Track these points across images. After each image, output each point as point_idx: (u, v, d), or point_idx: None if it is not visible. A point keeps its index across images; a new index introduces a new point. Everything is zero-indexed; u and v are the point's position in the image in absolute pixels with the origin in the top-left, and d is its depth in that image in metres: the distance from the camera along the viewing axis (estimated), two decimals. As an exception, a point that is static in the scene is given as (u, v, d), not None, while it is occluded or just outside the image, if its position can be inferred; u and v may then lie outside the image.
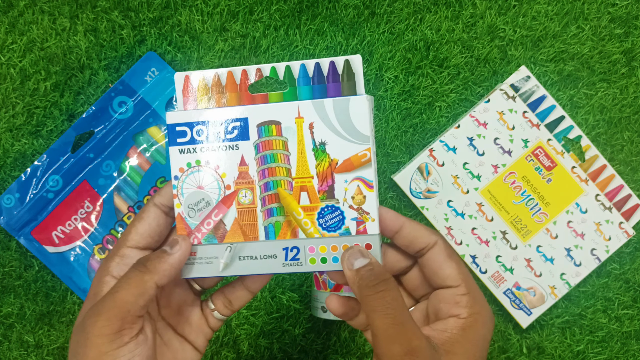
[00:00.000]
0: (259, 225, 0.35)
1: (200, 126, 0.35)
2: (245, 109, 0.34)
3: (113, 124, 0.55)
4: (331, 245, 0.34)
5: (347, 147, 0.34)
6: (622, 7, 0.57)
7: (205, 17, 0.56)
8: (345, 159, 0.34)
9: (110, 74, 0.56)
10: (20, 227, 0.55)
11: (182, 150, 0.35)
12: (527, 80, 0.56)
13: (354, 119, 0.34)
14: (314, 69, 0.35)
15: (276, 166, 0.34)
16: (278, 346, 0.57)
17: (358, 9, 0.57)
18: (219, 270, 0.35)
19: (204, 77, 0.35)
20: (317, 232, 0.34)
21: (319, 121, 0.34)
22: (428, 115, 0.57)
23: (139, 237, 0.34)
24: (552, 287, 0.56)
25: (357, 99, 0.34)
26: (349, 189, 0.34)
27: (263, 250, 0.34)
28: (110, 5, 0.56)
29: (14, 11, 0.56)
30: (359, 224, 0.34)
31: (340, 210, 0.34)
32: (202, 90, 0.35)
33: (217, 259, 0.35)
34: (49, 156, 0.54)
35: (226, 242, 0.35)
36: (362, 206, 0.34)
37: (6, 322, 0.57)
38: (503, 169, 0.56)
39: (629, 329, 0.58)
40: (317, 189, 0.34)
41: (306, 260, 0.34)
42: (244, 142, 0.34)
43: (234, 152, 0.34)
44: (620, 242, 0.56)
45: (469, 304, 0.34)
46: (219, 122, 0.34)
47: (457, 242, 0.56)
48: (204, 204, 0.35)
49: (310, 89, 0.35)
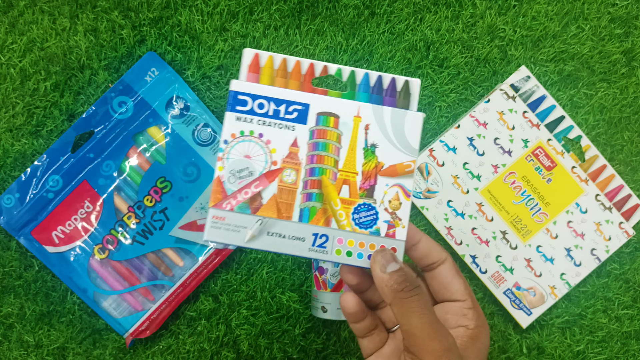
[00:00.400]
0: (295, 206, 0.36)
1: (262, 100, 0.36)
2: (309, 96, 0.36)
3: (113, 124, 0.55)
4: (359, 241, 0.35)
5: (395, 154, 0.36)
6: (622, 7, 0.57)
7: (205, 17, 0.56)
8: (391, 165, 0.36)
9: (110, 74, 0.56)
10: (20, 227, 0.55)
11: (238, 117, 0.36)
12: (527, 80, 0.56)
13: (407, 131, 0.36)
14: (376, 81, 0.36)
15: (326, 155, 0.36)
16: (278, 346, 0.57)
17: (358, 9, 0.57)
18: (244, 240, 0.35)
19: (272, 58, 0.36)
20: (350, 225, 0.36)
21: (375, 124, 0.36)
22: (428, 115, 0.57)
23: None
24: (552, 287, 0.56)
25: (414, 114, 0.36)
26: (388, 192, 0.36)
27: (293, 231, 0.35)
28: (110, 5, 0.56)
29: (14, 11, 0.56)
30: (389, 228, 0.36)
31: (375, 210, 0.36)
32: (267, 70, 0.36)
33: (245, 229, 0.35)
34: (49, 156, 0.54)
35: (259, 215, 0.35)
36: (397, 211, 0.36)
37: (6, 322, 0.57)
38: (503, 169, 0.56)
39: (629, 329, 0.58)
40: (359, 186, 0.36)
41: (332, 250, 0.35)
42: (301, 125, 0.36)
43: (289, 132, 0.36)
44: (620, 242, 0.56)
45: (475, 317, 0.37)
46: (282, 101, 0.36)
47: (457, 242, 0.56)
48: (246, 173, 0.36)
49: (368, 97, 0.36)
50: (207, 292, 0.57)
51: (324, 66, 0.37)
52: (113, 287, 0.55)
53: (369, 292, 0.39)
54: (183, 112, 0.56)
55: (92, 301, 0.55)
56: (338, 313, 0.53)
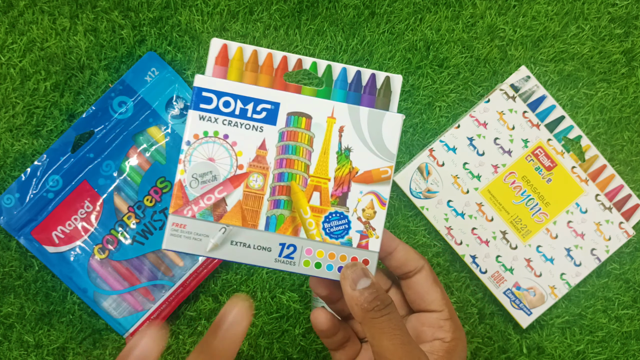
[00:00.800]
0: (262, 214, 0.33)
1: (228, 98, 0.33)
2: (280, 94, 0.33)
3: (113, 124, 0.55)
4: (329, 252, 0.33)
5: (371, 159, 0.33)
6: (622, 7, 0.57)
7: (205, 17, 0.56)
8: (366, 171, 0.33)
9: (110, 74, 0.56)
10: (20, 227, 0.55)
11: (202, 117, 0.33)
12: (527, 80, 0.56)
13: (385, 134, 0.33)
14: (354, 76, 0.34)
15: (296, 159, 0.33)
16: (278, 346, 0.57)
17: (358, 9, 0.57)
18: (206, 249, 0.33)
19: (242, 50, 0.34)
20: (319, 235, 0.33)
21: (350, 126, 0.33)
22: (428, 115, 0.57)
23: None
24: (552, 287, 0.56)
25: (393, 116, 0.33)
26: (362, 200, 0.34)
27: (259, 241, 0.33)
28: (110, 5, 0.56)
29: (14, 11, 0.56)
30: (362, 238, 0.34)
31: (347, 219, 0.34)
32: (236, 62, 0.34)
33: (207, 238, 0.33)
34: (49, 156, 0.54)
35: (223, 222, 0.33)
36: (371, 221, 0.34)
37: (6, 322, 0.57)
38: (503, 169, 0.56)
39: (629, 329, 0.58)
40: (330, 192, 0.33)
41: (300, 261, 0.33)
42: (269, 126, 0.33)
43: (257, 134, 0.33)
44: (620, 242, 0.56)
45: (452, 329, 0.35)
46: (250, 99, 0.33)
47: (457, 242, 0.56)
48: (210, 177, 0.33)
49: (345, 94, 0.34)
50: (207, 292, 0.57)
51: (298, 59, 0.34)
52: (113, 287, 0.55)
53: (341, 303, 0.37)
54: (183, 112, 0.56)
55: (92, 301, 0.55)
56: (338, 313, 0.53)
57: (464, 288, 0.57)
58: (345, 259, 0.33)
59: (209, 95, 0.33)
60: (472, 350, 0.57)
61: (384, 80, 0.34)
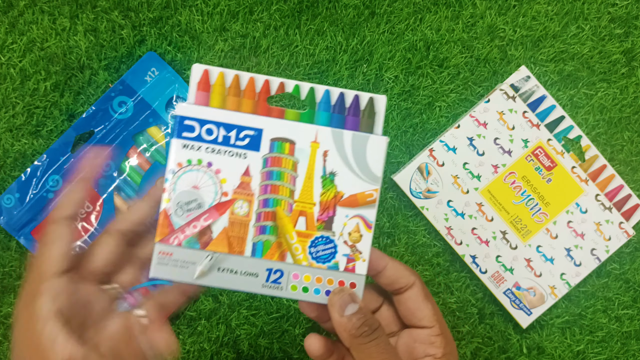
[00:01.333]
0: (248, 240, 0.33)
1: (211, 125, 0.33)
2: (262, 120, 0.33)
3: (113, 124, 0.55)
4: (316, 276, 0.34)
5: (356, 182, 0.33)
6: (622, 7, 0.57)
7: (205, 17, 0.56)
8: (352, 194, 0.34)
9: (110, 74, 0.56)
10: (20, 227, 0.55)
11: (186, 145, 0.33)
12: (527, 80, 0.56)
13: (369, 157, 0.33)
14: (338, 98, 0.34)
15: (280, 185, 0.33)
16: (278, 346, 0.57)
17: (358, 9, 0.57)
18: (194, 277, 0.33)
19: (224, 75, 0.34)
20: (306, 259, 0.34)
21: (334, 150, 0.33)
22: (428, 115, 0.57)
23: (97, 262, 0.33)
24: (552, 287, 0.56)
25: (376, 139, 0.33)
26: (348, 224, 0.34)
27: (245, 267, 0.33)
28: (110, 5, 0.56)
29: (14, 11, 0.56)
30: (349, 262, 0.34)
31: (334, 244, 0.34)
32: (218, 88, 0.34)
33: (194, 265, 0.33)
34: (49, 156, 0.54)
35: (209, 249, 0.33)
36: (357, 244, 0.34)
37: (6, 322, 0.57)
38: (503, 169, 0.56)
39: (629, 329, 0.58)
40: (316, 217, 0.34)
41: (287, 286, 0.33)
42: (253, 152, 0.33)
43: (240, 160, 0.33)
44: (620, 242, 0.56)
45: (443, 345, 0.36)
46: (233, 126, 0.33)
47: (457, 242, 0.56)
48: (195, 205, 0.33)
49: (329, 116, 0.34)
50: (207, 292, 0.57)
51: (281, 83, 0.34)
52: (113, 287, 0.55)
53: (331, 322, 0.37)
54: (183, 112, 0.55)
55: (92, 301, 0.55)
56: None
57: (464, 288, 0.57)
58: (332, 282, 0.33)
59: (191, 124, 0.33)
60: (472, 350, 0.57)
61: (368, 102, 0.34)
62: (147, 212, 0.34)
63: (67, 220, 0.33)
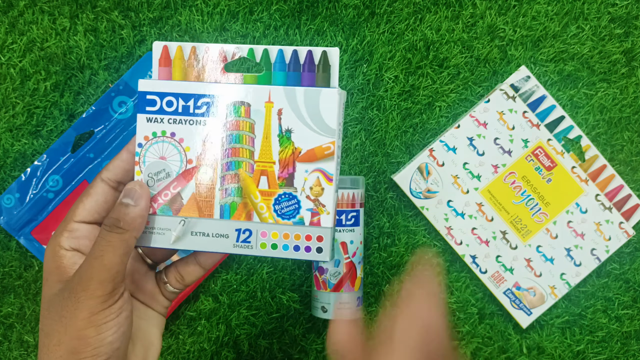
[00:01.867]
0: (215, 204, 0.35)
1: (170, 97, 0.35)
2: (217, 87, 0.34)
3: (113, 124, 0.55)
4: (283, 232, 0.34)
5: (312, 137, 0.34)
6: (622, 7, 0.57)
7: (205, 17, 0.56)
8: (309, 149, 0.34)
9: (110, 74, 0.56)
10: (20, 227, 0.55)
11: (149, 118, 0.35)
12: (527, 80, 0.56)
13: (323, 111, 0.34)
14: (291, 56, 0.34)
15: (240, 147, 0.35)
16: (278, 346, 0.57)
17: (358, 9, 0.57)
18: (170, 242, 0.35)
19: (182, 49, 0.35)
20: (272, 217, 0.35)
21: (288, 108, 0.34)
22: (428, 115, 0.57)
23: (86, 213, 0.34)
24: (552, 287, 0.56)
25: (328, 91, 0.34)
26: (308, 179, 0.34)
27: (216, 229, 0.35)
28: (110, 5, 0.56)
29: (14, 11, 0.56)
30: (313, 215, 0.34)
31: (297, 199, 0.34)
32: (178, 61, 0.35)
33: (170, 231, 0.35)
34: (49, 156, 0.54)
35: (181, 215, 0.35)
36: (319, 198, 0.34)
37: (6, 322, 0.57)
38: (503, 169, 0.56)
39: (629, 329, 0.58)
40: (277, 175, 0.34)
41: (257, 244, 0.35)
42: (211, 119, 0.35)
43: (201, 127, 0.35)
44: (620, 242, 0.56)
45: None
46: (190, 95, 0.35)
47: (457, 242, 0.56)
48: (164, 175, 0.35)
49: (285, 75, 0.35)
50: (207, 292, 0.57)
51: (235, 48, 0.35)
52: (113, 287, 0.55)
53: None
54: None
55: (92, 301, 0.55)
56: (338, 313, 0.53)
57: (464, 288, 0.57)
58: (299, 237, 0.34)
59: (152, 98, 0.35)
60: (472, 351, 0.57)
61: (321, 55, 0.34)
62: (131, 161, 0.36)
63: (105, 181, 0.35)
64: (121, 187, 0.35)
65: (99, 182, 0.35)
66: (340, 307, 0.53)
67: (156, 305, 0.38)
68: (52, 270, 0.34)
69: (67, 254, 0.33)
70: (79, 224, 0.34)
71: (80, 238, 0.34)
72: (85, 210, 0.34)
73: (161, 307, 0.38)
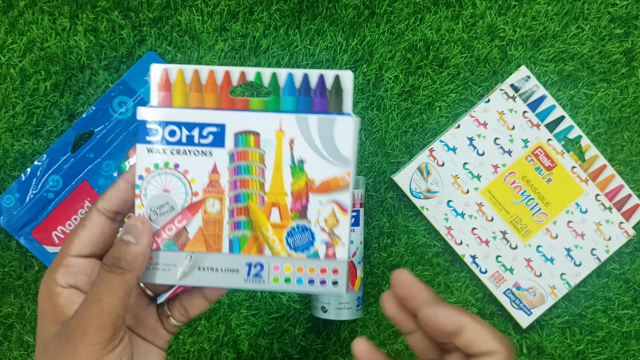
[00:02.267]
0: (224, 237, 0.33)
1: (173, 126, 0.33)
2: (223, 115, 0.32)
3: (113, 124, 0.55)
4: (297, 266, 0.33)
5: (326, 168, 0.32)
6: (622, 7, 0.57)
7: (205, 17, 0.56)
8: (323, 181, 0.32)
9: (110, 74, 0.56)
10: (20, 227, 0.55)
11: (150, 149, 0.33)
12: (527, 80, 0.56)
13: (337, 140, 0.32)
14: (302, 81, 0.32)
15: (250, 178, 0.33)
16: (278, 346, 0.57)
17: (358, 9, 0.57)
18: (176, 278, 0.33)
19: (183, 72, 0.33)
20: (284, 250, 0.33)
21: (300, 137, 0.32)
22: (428, 115, 0.57)
23: (82, 246, 0.32)
24: (552, 287, 0.56)
25: (343, 120, 0.32)
26: (322, 210, 0.33)
27: (225, 263, 0.33)
28: (110, 5, 0.56)
29: (14, 11, 0.56)
30: (328, 248, 0.33)
31: (310, 232, 0.33)
32: (179, 86, 0.33)
33: (175, 267, 0.33)
34: (49, 156, 0.54)
35: (187, 250, 0.33)
36: (334, 229, 0.33)
37: (6, 322, 0.57)
38: (503, 169, 0.56)
39: (629, 329, 0.58)
40: (289, 207, 0.33)
41: (269, 279, 0.33)
42: (218, 149, 0.33)
43: (207, 159, 0.33)
44: (620, 242, 0.56)
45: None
46: (194, 125, 0.32)
47: (457, 242, 0.56)
48: (167, 208, 0.33)
49: (295, 100, 0.33)
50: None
51: (242, 72, 0.32)
52: (113, 287, 0.55)
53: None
54: (183, 112, 0.55)
55: (92, 301, 0.55)
56: (338, 313, 0.53)
57: (464, 288, 0.57)
58: (314, 270, 0.33)
59: (153, 127, 0.33)
60: (472, 350, 0.57)
61: (334, 80, 0.32)
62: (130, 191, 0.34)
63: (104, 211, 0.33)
64: (119, 217, 0.33)
65: (94, 212, 0.33)
66: (340, 307, 0.53)
67: (157, 340, 0.36)
68: (47, 310, 0.32)
69: (63, 292, 0.32)
70: (75, 258, 0.32)
71: (77, 273, 0.32)
72: (81, 244, 0.32)
73: (162, 342, 0.37)
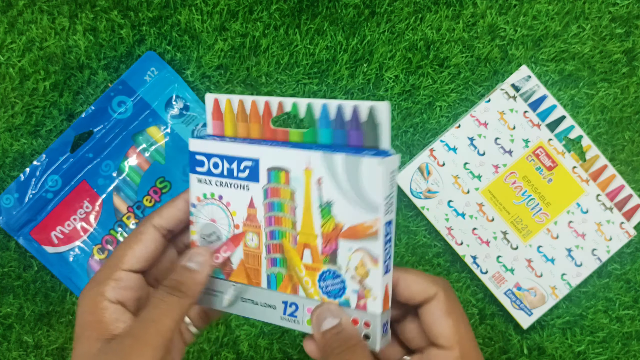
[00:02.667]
0: (263, 272, 0.33)
1: (216, 159, 0.33)
2: (258, 149, 0.31)
3: (112, 123, 0.55)
4: None
5: (354, 211, 0.30)
6: (623, 7, 0.57)
7: (204, 16, 0.56)
8: (351, 226, 0.30)
9: (109, 74, 0.56)
10: (19, 227, 0.55)
11: (200, 179, 0.33)
12: (527, 80, 0.56)
13: (365, 183, 0.29)
14: (337, 112, 0.30)
15: (282, 216, 0.32)
16: (278, 346, 0.57)
17: (358, 9, 0.56)
18: (223, 305, 0.34)
19: (230, 102, 0.33)
20: (317, 294, 0.32)
21: (327, 177, 0.30)
22: (428, 115, 0.57)
23: (135, 261, 0.32)
24: (552, 288, 0.56)
25: (369, 161, 0.29)
26: (352, 258, 0.30)
27: (264, 298, 0.33)
28: (109, 4, 0.56)
29: (13, 10, 0.55)
30: (359, 299, 0.31)
31: (341, 278, 0.31)
32: (228, 115, 0.33)
33: (222, 294, 0.34)
34: (48, 156, 0.54)
35: (231, 280, 0.34)
36: (365, 280, 0.30)
37: (5, 322, 0.56)
38: (504, 169, 0.55)
39: (630, 329, 0.58)
40: (320, 250, 0.31)
41: (303, 320, 0.32)
42: (254, 183, 0.32)
43: (244, 192, 0.32)
44: (621, 243, 0.56)
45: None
46: (234, 158, 0.32)
47: (458, 243, 0.56)
48: (215, 237, 0.34)
49: (331, 133, 0.31)
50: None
51: (279, 103, 0.31)
52: (112, 288, 0.55)
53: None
54: (182, 112, 0.55)
55: (92, 301, 0.55)
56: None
57: (465, 288, 0.57)
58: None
59: (201, 158, 0.33)
60: (472, 351, 0.57)
61: (369, 113, 0.29)
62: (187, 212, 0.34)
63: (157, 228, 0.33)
64: (169, 235, 0.33)
65: (150, 227, 0.32)
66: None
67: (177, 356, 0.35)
68: (90, 324, 0.31)
69: (110, 307, 0.31)
70: (126, 273, 0.32)
71: (126, 289, 0.31)
72: (135, 258, 0.32)
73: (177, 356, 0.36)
